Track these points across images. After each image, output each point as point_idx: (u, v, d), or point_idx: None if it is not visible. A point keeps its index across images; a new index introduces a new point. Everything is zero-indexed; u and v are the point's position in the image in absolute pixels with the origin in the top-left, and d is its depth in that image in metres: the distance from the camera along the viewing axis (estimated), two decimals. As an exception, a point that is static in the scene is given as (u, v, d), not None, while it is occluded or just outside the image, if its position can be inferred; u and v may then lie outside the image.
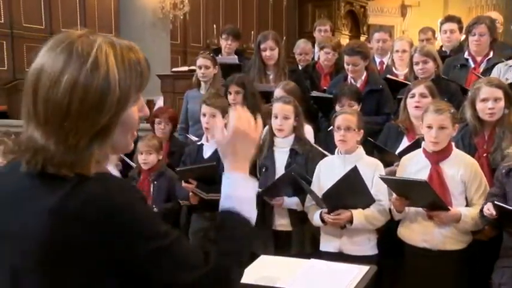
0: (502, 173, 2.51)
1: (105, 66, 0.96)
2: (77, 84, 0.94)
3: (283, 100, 3.12)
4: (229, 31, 4.78)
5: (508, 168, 2.49)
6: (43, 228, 0.92)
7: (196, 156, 3.24)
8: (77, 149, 0.94)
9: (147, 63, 1.04)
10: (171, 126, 3.82)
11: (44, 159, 0.95)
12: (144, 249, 0.94)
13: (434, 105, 2.67)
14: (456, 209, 2.56)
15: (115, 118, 0.97)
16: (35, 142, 0.95)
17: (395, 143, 3.13)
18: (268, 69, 4.06)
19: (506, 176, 2.48)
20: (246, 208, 1.12)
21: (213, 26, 8.66)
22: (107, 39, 1.01)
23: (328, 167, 2.86)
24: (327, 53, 4.32)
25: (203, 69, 4.00)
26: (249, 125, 1.17)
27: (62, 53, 0.96)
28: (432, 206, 2.56)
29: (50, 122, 0.95)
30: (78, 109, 0.94)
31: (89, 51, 0.96)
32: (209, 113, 3.17)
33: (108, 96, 0.95)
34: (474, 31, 3.72)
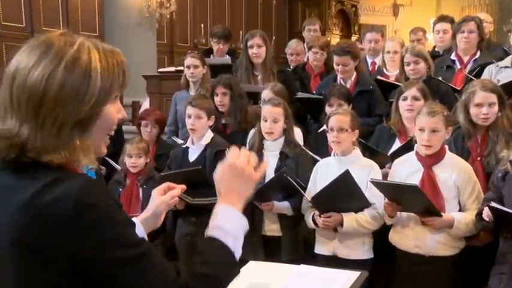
0: (497, 177, 2.52)
1: (86, 56, 0.99)
2: (55, 71, 0.97)
3: (272, 102, 3.12)
4: (220, 34, 4.78)
5: (503, 171, 2.50)
6: (13, 224, 0.94)
7: (182, 160, 3.23)
8: (58, 136, 0.97)
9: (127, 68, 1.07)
10: (158, 129, 3.81)
11: (20, 148, 0.97)
12: (108, 256, 0.94)
13: (427, 107, 2.67)
14: (449, 215, 2.56)
15: (96, 109, 1.00)
16: (9, 131, 0.97)
17: (387, 145, 3.14)
18: (256, 69, 4.06)
19: (502, 179, 2.50)
20: (231, 242, 1.12)
21: (201, 25, 8.65)
22: (91, 40, 1.05)
23: (324, 169, 2.87)
24: (315, 52, 4.33)
25: (192, 69, 3.99)
26: (247, 164, 1.19)
27: (39, 48, 1.00)
28: (424, 211, 2.56)
29: (23, 108, 0.97)
30: (55, 96, 0.96)
31: (71, 44, 1.00)
32: (194, 115, 3.16)
33: (90, 86, 0.98)
34: (463, 28, 3.75)
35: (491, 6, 10.93)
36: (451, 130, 2.67)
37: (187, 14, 8.61)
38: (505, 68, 3.31)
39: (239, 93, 3.61)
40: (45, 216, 0.93)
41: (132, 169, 3.37)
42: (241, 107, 3.59)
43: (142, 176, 3.39)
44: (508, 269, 2.42)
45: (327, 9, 9.76)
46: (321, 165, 2.93)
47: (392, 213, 2.63)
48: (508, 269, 2.42)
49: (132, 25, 7.38)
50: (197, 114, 3.16)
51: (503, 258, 2.45)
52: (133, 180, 3.38)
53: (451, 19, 4.59)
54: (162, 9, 7.51)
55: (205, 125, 3.19)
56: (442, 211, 2.57)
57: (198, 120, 3.16)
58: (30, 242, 0.93)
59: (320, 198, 2.71)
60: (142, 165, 3.39)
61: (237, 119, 3.56)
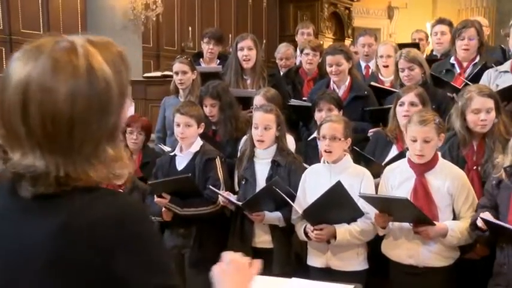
0: (492, 184, 2.54)
1: (96, 63, 0.97)
2: (77, 87, 0.94)
3: (264, 109, 3.13)
4: (211, 35, 4.78)
5: (497, 179, 2.52)
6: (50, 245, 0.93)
7: (169, 168, 3.23)
8: (95, 155, 0.96)
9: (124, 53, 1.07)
10: (144, 136, 3.79)
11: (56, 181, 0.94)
12: (150, 283, 0.96)
13: (418, 115, 2.67)
14: (442, 223, 2.59)
15: (121, 113, 1.01)
16: (35, 168, 0.94)
17: (383, 153, 3.16)
18: (245, 73, 4.08)
19: (496, 187, 2.52)
20: None
21: (189, 28, 8.66)
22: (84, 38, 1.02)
23: (313, 177, 2.88)
24: (307, 54, 4.36)
25: (180, 74, 3.98)
26: (244, 262, 1.22)
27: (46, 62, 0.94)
28: (417, 221, 2.58)
29: (52, 137, 0.93)
30: (86, 114, 0.94)
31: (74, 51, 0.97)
32: (183, 123, 3.16)
33: (111, 94, 0.98)
34: (463, 35, 3.77)
35: (488, 9, 11.08)
36: (443, 137, 2.68)
37: (175, 16, 8.61)
38: (505, 73, 3.35)
39: (229, 102, 3.61)
40: (87, 237, 0.93)
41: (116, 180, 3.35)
42: (232, 116, 3.60)
43: (125, 187, 3.38)
44: (505, 281, 2.44)
45: (320, 11, 9.81)
46: (310, 173, 2.94)
47: (384, 224, 2.65)
48: (505, 281, 2.44)
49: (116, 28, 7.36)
50: (186, 122, 3.16)
51: (500, 269, 2.48)
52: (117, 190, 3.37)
53: (449, 22, 4.65)
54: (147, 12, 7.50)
55: (194, 133, 3.20)
56: (435, 220, 2.59)
57: (187, 129, 3.16)
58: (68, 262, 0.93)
59: (311, 210, 2.72)
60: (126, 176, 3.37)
61: (227, 128, 3.56)
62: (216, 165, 3.14)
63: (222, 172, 3.14)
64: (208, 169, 3.14)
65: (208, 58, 4.78)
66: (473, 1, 11.32)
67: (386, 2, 12.15)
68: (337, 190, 2.62)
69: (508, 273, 2.43)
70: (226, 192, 3.05)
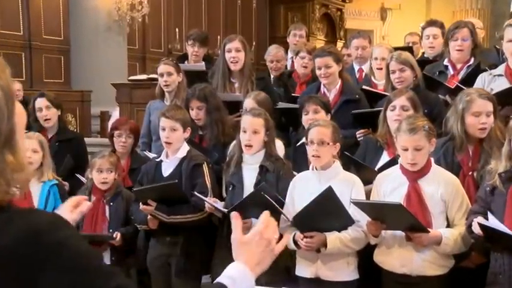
0: (486, 190, 2.55)
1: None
2: None
3: (252, 113, 3.14)
4: (196, 36, 4.79)
5: (491, 186, 2.53)
6: None
7: (155, 175, 3.22)
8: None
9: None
10: (133, 140, 3.77)
11: None
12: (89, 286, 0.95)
13: (407, 122, 2.67)
14: (436, 231, 2.59)
15: (12, 118, 0.97)
16: None
17: (374, 159, 3.16)
18: (233, 76, 4.09)
19: (490, 194, 2.53)
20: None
21: (175, 29, 8.67)
22: None
23: (302, 184, 2.88)
24: (303, 57, 4.38)
25: (165, 76, 3.98)
26: (273, 237, 1.26)
27: None
28: (411, 228, 2.60)
29: None
30: None
31: None
32: (169, 127, 3.16)
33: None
34: (456, 35, 3.80)
35: (483, 10, 11.21)
36: (435, 142, 2.69)
37: (161, 17, 8.62)
38: (499, 77, 3.37)
39: (216, 105, 3.61)
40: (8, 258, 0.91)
41: (101, 185, 3.35)
42: (219, 119, 3.60)
43: (109, 193, 3.37)
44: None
45: (311, 13, 9.88)
46: (299, 180, 2.94)
47: (377, 232, 2.66)
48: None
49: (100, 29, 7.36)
50: (172, 127, 3.16)
51: (495, 279, 2.49)
52: (100, 197, 3.36)
53: (440, 24, 4.67)
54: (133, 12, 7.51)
55: (180, 137, 3.20)
56: (428, 227, 2.60)
57: (173, 133, 3.16)
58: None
59: (301, 217, 2.72)
60: (113, 181, 3.37)
61: (214, 133, 3.57)
62: (204, 171, 3.14)
63: (209, 178, 3.14)
64: (196, 175, 3.14)
65: (193, 61, 4.79)
66: (467, 3, 11.45)
67: (379, 3, 12.25)
68: (328, 196, 2.62)
69: (504, 283, 2.44)
70: (213, 199, 3.05)
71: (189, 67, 4.45)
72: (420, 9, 11.96)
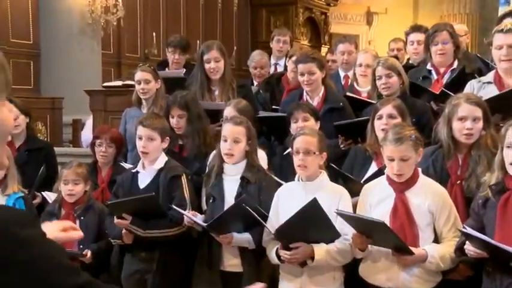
0: (478, 203, 2.57)
1: None
2: None
3: (233, 121, 3.15)
4: (176, 44, 4.80)
5: (484, 198, 2.55)
6: None
7: (131, 186, 3.21)
8: None
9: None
10: (115, 149, 3.75)
11: None
12: None
13: (393, 132, 2.70)
14: (421, 251, 2.61)
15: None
16: None
17: (362, 169, 3.19)
18: (212, 84, 4.09)
19: (483, 207, 2.55)
20: None
21: (152, 33, 8.65)
22: None
23: (287, 196, 2.89)
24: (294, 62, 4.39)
25: (143, 84, 3.98)
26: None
27: None
28: (395, 249, 2.62)
29: None
30: None
31: None
32: (146, 136, 3.16)
33: None
34: (436, 39, 3.88)
35: (471, 15, 11.40)
36: (422, 151, 2.72)
37: (137, 20, 8.60)
38: (488, 84, 3.42)
39: (198, 114, 3.61)
40: None
41: (68, 198, 3.32)
42: (200, 128, 3.60)
43: (80, 206, 3.34)
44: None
45: (294, 17, 9.94)
46: (283, 191, 2.95)
47: (361, 246, 2.67)
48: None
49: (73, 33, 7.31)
50: (149, 136, 3.15)
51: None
52: (70, 210, 3.34)
53: (425, 29, 4.72)
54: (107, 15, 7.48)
55: (158, 147, 3.19)
56: (416, 240, 2.63)
57: (150, 142, 3.15)
58: None
59: (284, 230, 2.72)
60: (81, 193, 3.34)
61: (195, 142, 3.56)
62: (182, 183, 3.14)
63: (188, 191, 3.14)
64: (174, 187, 3.13)
65: (174, 68, 4.79)
66: (455, 7, 11.64)
67: (365, 7, 12.38)
68: (313, 208, 2.63)
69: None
70: (192, 212, 3.05)
71: (168, 74, 4.45)
72: (407, 13, 12.11)
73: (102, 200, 3.53)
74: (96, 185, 3.68)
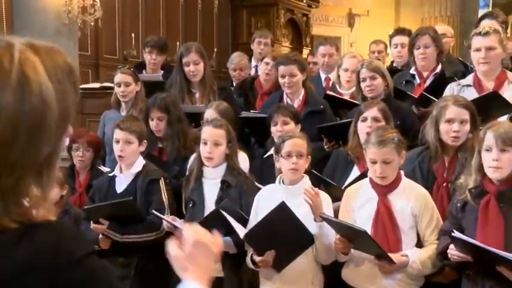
0: (457, 207, 2.60)
1: (34, 78, 0.86)
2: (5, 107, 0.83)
3: (213, 124, 3.16)
4: (153, 44, 4.78)
5: (462, 201, 2.58)
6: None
7: (108, 191, 3.21)
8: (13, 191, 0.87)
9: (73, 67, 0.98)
10: (92, 153, 3.74)
11: None
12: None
13: (375, 135, 2.73)
14: (403, 257, 2.63)
15: (59, 144, 0.91)
16: None
17: (344, 173, 3.21)
18: (193, 86, 4.09)
19: (461, 210, 2.58)
20: None
21: (131, 34, 8.59)
22: (25, 41, 0.92)
23: (267, 199, 2.89)
24: (267, 63, 4.41)
25: (122, 86, 3.97)
26: (208, 239, 1.20)
27: None
28: (377, 256, 2.65)
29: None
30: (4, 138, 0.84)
31: (10, 59, 0.86)
32: (123, 139, 3.15)
33: (47, 117, 0.86)
34: (418, 43, 3.94)
35: (452, 18, 11.54)
36: (404, 154, 2.75)
37: (115, 21, 8.53)
38: (467, 87, 3.47)
39: (178, 116, 3.62)
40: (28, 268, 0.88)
41: None
42: (180, 131, 3.59)
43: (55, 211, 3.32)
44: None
45: (276, 18, 9.94)
46: (264, 194, 2.96)
47: (345, 250, 2.69)
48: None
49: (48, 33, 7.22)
50: (126, 139, 3.15)
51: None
52: (45, 216, 3.31)
53: (409, 32, 4.79)
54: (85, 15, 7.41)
55: (135, 151, 3.18)
56: (398, 244, 2.66)
57: (127, 146, 3.15)
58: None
59: (253, 235, 2.72)
60: (56, 198, 3.32)
61: (175, 145, 3.56)
62: (160, 187, 3.13)
63: (166, 195, 3.13)
64: (152, 191, 3.12)
65: (152, 69, 4.77)
66: (437, 10, 11.78)
67: (346, 9, 12.45)
68: (282, 212, 2.64)
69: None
70: (171, 217, 3.04)
71: (147, 78, 4.44)
72: (389, 15, 12.21)
73: (79, 205, 3.51)
74: (73, 189, 3.66)
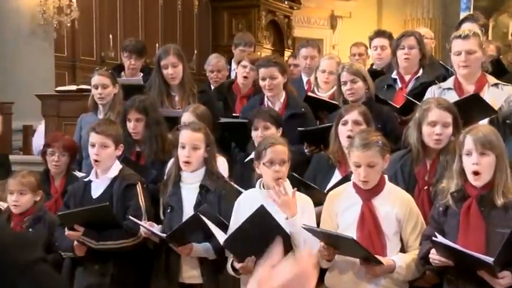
0: (438, 211, 2.62)
1: None
2: None
3: (191, 127, 3.15)
4: (132, 48, 4.75)
5: (444, 205, 2.60)
6: None
7: (83, 196, 3.18)
8: None
9: None
10: (68, 158, 3.71)
11: None
12: None
13: (359, 138, 2.74)
14: (389, 260, 2.64)
15: None
16: None
17: (325, 178, 3.21)
18: (172, 90, 4.07)
19: (443, 214, 2.60)
20: None
21: (109, 36, 8.55)
22: None
23: (248, 204, 2.87)
24: (244, 66, 4.41)
25: (100, 88, 3.95)
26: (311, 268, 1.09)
27: None
28: (364, 259, 2.65)
29: None
30: None
31: None
32: (99, 143, 3.13)
33: None
34: (403, 44, 3.98)
35: (434, 20, 11.69)
36: (388, 158, 2.77)
37: (93, 22, 8.47)
38: (448, 90, 3.51)
39: (156, 119, 3.60)
40: None
41: (14, 209, 3.28)
42: (158, 134, 3.58)
43: (28, 217, 3.29)
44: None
45: (257, 20, 9.96)
46: (244, 199, 2.95)
47: (329, 257, 2.69)
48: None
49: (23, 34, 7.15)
50: (102, 143, 3.12)
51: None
52: (18, 222, 3.29)
53: (389, 34, 4.84)
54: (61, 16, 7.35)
55: (111, 155, 3.16)
56: (383, 249, 2.67)
57: (103, 150, 3.13)
58: None
59: (233, 241, 2.71)
60: (28, 205, 3.29)
61: (153, 148, 3.54)
62: (137, 192, 3.11)
63: (143, 200, 3.11)
64: (128, 197, 3.10)
65: (131, 74, 4.75)
66: (419, 12, 11.92)
67: (328, 10, 12.52)
68: (261, 216, 2.63)
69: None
70: (149, 223, 3.02)
71: (126, 81, 4.42)
72: (371, 17, 12.31)
73: (55, 211, 3.47)
74: (49, 195, 3.63)
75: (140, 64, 4.82)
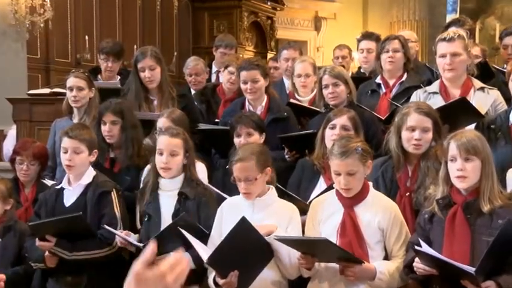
0: (424, 218, 2.64)
1: None
2: None
3: (170, 132, 3.14)
4: (109, 50, 4.73)
5: (430, 212, 2.61)
6: None
7: (55, 205, 3.15)
8: None
9: None
10: (38, 166, 3.69)
11: None
12: None
13: (338, 145, 2.73)
14: (370, 264, 2.65)
15: None
16: None
17: (310, 184, 3.22)
18: (150, 93, 4.06)
19: (429, 222, 2.61)
20: None
21: (85, 37, 8.49)
22: None
23: (232, 211, 2.87)
24: (231, 72, 4.41)
25: (75, 91, 3.93)
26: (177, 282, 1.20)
27: None
28: (343, 260, 2.65)
29: None
30: None
31: None
32: (72, 148, 3.11)
33: None
34: (387, 47, 4.03)
35: (421, 22, 11.82)
36: (371, 163, 2.78)
37: (68, 22, 8.41)
38: (434, 94, 3.55)
39: (132, 122, 3.60)
40: None
41: None
42: (134, 138, 3.56)
43: None
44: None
45: (239, 21, 9.96)
46: (227, 207, 2.94)
47: (308, 265, 2.69)
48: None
49: (-7, 34, 7.09)
50: (75, 148, 3.11)
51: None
52: (-13, 231, 3.25)
53: (376, 37, 4.89)
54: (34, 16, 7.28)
55: (85, 160, 3.14)
56: (365, 258, 2.66)
57: (76, 155, 3.11)
58: None
59: (217, 258, 2.69)
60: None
61: (128, 153, 3.53)
62: (112, 199, 3.10)
63: (118, 208, 3.10)
64: (103, 205, 3.09)
65: (108, 77, 4.72)
66: (405, 14, 12.04)
67: (312, 11, 12.57)
68: (242, 229, 2.62)
69: None
70: (125, 232, 3.01)
71: (103, 84, 4.39)
72: (357, 19, 12.40)
73: (26, 220, 3.44)
74: (19, 203, 3.59)
75: (118, 67, 4.80)
